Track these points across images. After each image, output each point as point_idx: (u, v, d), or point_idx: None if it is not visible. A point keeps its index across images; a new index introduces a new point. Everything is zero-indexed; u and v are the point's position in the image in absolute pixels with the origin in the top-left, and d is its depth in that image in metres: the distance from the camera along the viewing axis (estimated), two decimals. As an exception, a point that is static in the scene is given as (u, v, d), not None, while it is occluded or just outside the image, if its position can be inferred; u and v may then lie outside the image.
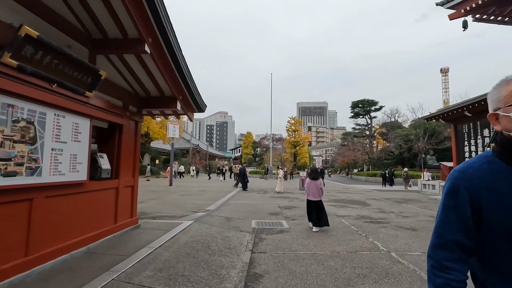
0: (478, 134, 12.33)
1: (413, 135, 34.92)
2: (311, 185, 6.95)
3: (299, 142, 57.26)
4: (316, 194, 6.84)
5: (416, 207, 10.93)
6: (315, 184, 6.94)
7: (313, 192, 6.88)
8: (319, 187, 6.90)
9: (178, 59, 4.62)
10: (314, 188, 6.89)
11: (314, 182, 6.96)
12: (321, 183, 7.05)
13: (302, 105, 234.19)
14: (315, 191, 6.86)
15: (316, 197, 6.84)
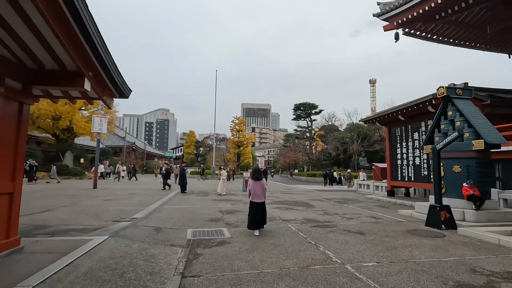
0: (409, 137, 13.18)
1: (348, 138, 37.41)
2: (256, 186, 6.41)
3: (243, 142, 56.89)
4: (262, 196, 6.41)
5: (357, 207, 11.04)
6: (261, 185, 6.44)
7: (258, 194, 6.38)
8: (264, 187, 6.47)
9: (79, 12, 3.25)
10: (259, 189, 6.39)
11: (259, 182, 6.44)
12: (265, 184, 6.59)
13: (246, 106, 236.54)
14: (261, 192, 6.39)
15: (261, 198, 6.39)
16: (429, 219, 7.32)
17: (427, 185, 11.96)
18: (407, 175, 13.21)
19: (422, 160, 12.25)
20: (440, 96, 8.82)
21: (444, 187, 8.32)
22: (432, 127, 9.40)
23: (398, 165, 13.83)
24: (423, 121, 12.24)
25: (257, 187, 6.40)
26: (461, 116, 8.39)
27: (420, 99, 11.29)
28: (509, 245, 5.43)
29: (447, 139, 7.15)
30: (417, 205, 9.19)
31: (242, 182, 18.14)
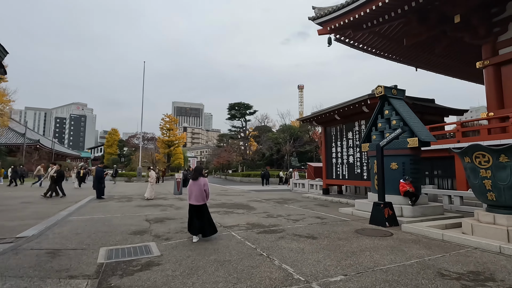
0: (343, 137, 13.59)
1: (281, 138, 38.39)
2: (193, 187, 5.78)
3: (173, 142, 53.44)
4: (200, 197, 5.74)
5: (298, 207, 10.67)
6: (198, 185, 5.77)
7: (195, 195, 5.74)
8: (202, 188, 5.77)
9: None
10: (196, 190, 5.74)
11: (197, 183, 5.79)
12: (205, 184, 5.87)
13: (178, 105, 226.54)
14: (198, 193, 5.73)
15: (199, 200, 5.74)
16: (374, 217, 7.21)
17: (360, 182, 12.43)
18: (341, 173, 13.60)
19: (356, 159, 12.71)
20: (378, 95, 9.02)
21: (382, 184, 8.45)
22: (369, 126, 9.60)
23: (333, 164, 14.18)
24: (357, 121, 12.72)
25: (194, 188, 5.77)
26: (397, 115, 8.69)
27: (356, 99, 11.62)
28: (452, 240, 5.49)
29: (390, 136, 7.18)
30: (357, 202, 9.22)
31: (174, 184, 16.33)
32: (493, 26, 15.09)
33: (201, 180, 5.80)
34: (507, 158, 5.32)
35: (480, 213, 5.89)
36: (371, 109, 11.58)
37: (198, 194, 5.70)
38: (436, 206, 8.15)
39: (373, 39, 19.29)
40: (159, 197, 14.16)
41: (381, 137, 9.18)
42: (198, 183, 5.75)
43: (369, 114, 11.87)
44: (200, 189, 5.71)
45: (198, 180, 5.76)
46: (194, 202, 5.71)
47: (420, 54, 21.05)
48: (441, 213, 8.17)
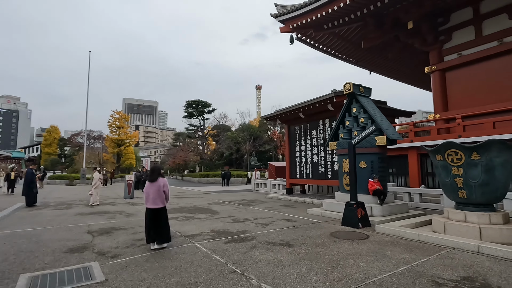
0: (307, 135, 13.40)
1: (241, 137, 37.75)
2: (151, 189, 5.23)
3: (124, 141, 49.56)
4: (158, 200, 5.22)
5: (264, 209, 10.08)
6: (157, 186, 5.23)
7: (153, 198, 5.20)
8: (161, 190, 5.24)
9: None
10: (155, 192, 5.20)
11: (155, 184, 5.23)
12: (165, 185, 5.33)
13: (129, 102, 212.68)
14: (156, 195, 5.21)
15: (157, 203, 5.22)
16: (346, 218, 6.90)
17: (325, 181, 12.31)
18: (305, 172, 13.40)
19: (320, 158, 12.57)
20: (347, 92, 8.83)
21: (351, 183, 8.26)
22: (337, 124, 9.40)
23: (297, 163, 13.93)
24: (322, 119, 12.59)
25: (151, 189, 5.21)
26: (364, 113, 8.58)
27: (321, 97, 11.44)
28: (428, 240, 5.33)
29: (363, 133, 6.95)
30: (325, 203, 8.92)
31: (124, 187, 14.62)
32: (439, 34, 16.24)
33: (160, 181, 5.25)
34: (478, 156, 5.32)
35: (451, 211, 5.87)
36: (336, 108, 11.51)
37: (156, 196, 5.18)
38: (402, 204, 8.20)
39: (333, 40, 19.62)
40: (107, 203, 12.47)
41: (349, 136, 9.04)
42: (157, 184, 5.21)
43: (334, 112, 11.81)
44: (158, 190, 5.19)
45: (156, 181, 5.22)
46: (152, 205, 5.18)
47: (374, 58, 22.05)
48: (406, 210, 8.24)
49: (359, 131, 8.59)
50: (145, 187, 5.31)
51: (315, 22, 15.59)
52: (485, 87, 13.97)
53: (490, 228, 5.13)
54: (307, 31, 17.71)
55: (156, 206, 5.18)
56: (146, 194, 5.24)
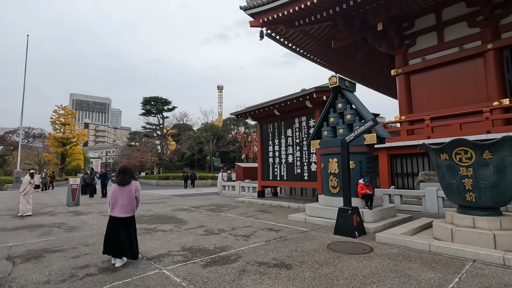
0: (282, 134, 12.53)
1: (204, 137, 35.92)
2: (120, 194, 4.40)
3: (70, 140, 44.40)
4: (128, 207, 4.43)
5: (238, 215, 8.90)
6: (128, 191, 4.43)
7: (122, 205, 4.37)
8: (133, 195, 4.49)
9: None
10: (125, 198, 4.40)
11: (126, 188, 4.43)
12: (137, 190, 4.57)
13: (77, 98, 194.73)
14: (127, 202, 4.41)
15: (127, 211, 4.42)
16: (340, 225, 6.05)
17: (301, 183, 11.52)
18: (279, 174, 12.50)
19: (296, 158, 11.77)
20: (332, 85, 8.08)
21: (338, 186, 7.50)
22: (320, 121, 8.61)
23: (270, 164, 12.98)
24: (298, 117, 11.81)
25: (121, 194, 4.39)
26: (351, 108, 7.90)
27: (299, 93, 10.64)
28: (442, 251, 4.66)
29: (359, 129, 6.16)
30: (308, 208, 8.03)
31: (67, 192, 12.29)
32: (404, 39, 16.62)
33: (133, 184, 4.49)
34: (491, 155, 4.80)
35: (455, 216, 5.31)
36: (315, 105, 10.80)
37: (126, 203, 4.39)
38: (391, 208, 7.65)
39: (303, 39, 19.20)
40: (43, 212, 10.21)
41: (333, 133, 8.31)
42: (129, 188, 4.42)
43: (312, 110, 11.10)
44: (130, 196, 4.43)
45: (128, 185, 4.43)
46: (121, 213, 4.34)
47: (343, 60, 22.19)
48: (394, 214, 7.72)
49: (345, 129, 7.88)
50: (112, 191, 4.42)
51: (286, 17, 15.01)
52: (447, 90, 14.44)
53: (504, 234, 4.61)
54: (278, 27, 17.05)
55: (125, 215, 4.35)
56: (113, 199, 4.36)
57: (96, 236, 6.27)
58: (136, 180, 4.63)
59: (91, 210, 10.56)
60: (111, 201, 4.38)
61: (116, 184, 4.42)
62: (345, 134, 7.82)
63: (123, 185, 4.38)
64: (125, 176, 4.44)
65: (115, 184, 4.45)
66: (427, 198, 8.68)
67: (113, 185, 4.47)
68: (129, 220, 4.45)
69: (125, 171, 4.54)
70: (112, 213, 4.35)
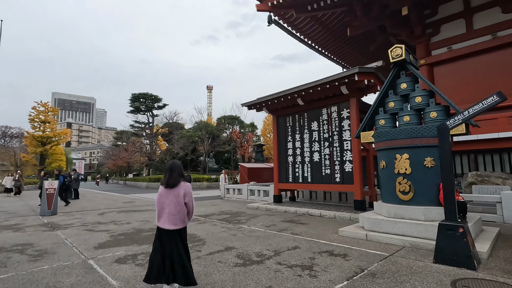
0: (305, 128, 10.59)
1: (197, 136, 33.58)
2: (167, 198, 3.27)
3: (51, 139, 41.01)
4: (177, 217, 3.24)
5: (265, 228, 6.86)
6: (176, 195, 3.26)
7: (170, 213, 3.23)
8: (182, 201, 3.27)
9: None
10: (173, 205, 3.24)
11: (174, 191, 3.27)
12: (187, 194, 3.32)
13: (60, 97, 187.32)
14: (175, 209, 3.23)
15: (176, 222, 3.23)
16: (444, 250, 4.12)
17: (331, 186, 9.58)
18: (301, 175, 10.54)
19: (323, 156, 9.84)
20: (396, 59, 6.21)
21: (410, 190, 5.60)
22: (374, 107, 6.72)
23: (289, 163, 11.00)
24: (325, 107, 9.90)
25: (168, 199, 3.27)
26: (423, 89, 6.06)
27: (334, 76, 8.74)
28: None
29: (475, 109, 4.25)
30: (367, 220, 6.07)
31: (42, 198, 9.90)
32: (426, 27, 15.11)
33: (182, 187, 3.31)
34: None
35: None
36: (352, 91, 8.94)
37: (174, 211, 3.23)
38: (477, 221, 5.79)
39: (313, 27, 17.43)
40: (7, 225, 7.84)
41: (392, 122, 6.44)
42: (176, 192, 3.27)
43: (345, 98, 9.23)
44: (178, 202, 3.25)
45: (177, 187, 3.28)
46: (167, 224, 3.22)
47: (353, 53, 20.61)
48: (481, 228, 5.89)
49: (412, 115, 6.02)
50: (158, 195, 3.41)
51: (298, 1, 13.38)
52: (479, 82, 12.90)
53: None
54: (288, 12, 15.26)
55: (173, 227, 3.25)
56: (160, 205, 3.35)
57: (76, 269, 4.10)
58: (186, 181, 3.44)
59: (71, 222, 8.26)
60: (157, 207, 3.38)
61: (162, 186, 3.39)
62: (413, 123, 5.98)
63: (170, 187, 3.31)
64: (172, 175, 3.34)
65: (162, 185, 3.43)
66: (505, 204, 6.92)
67: (160, 187, 3.45)
68: (179, 233, 3.32)
69: (173, 168, 3.39)
70: (158, 223, 3.34)
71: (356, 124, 8.93)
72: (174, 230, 3.25)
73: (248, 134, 38.65)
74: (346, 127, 9.25)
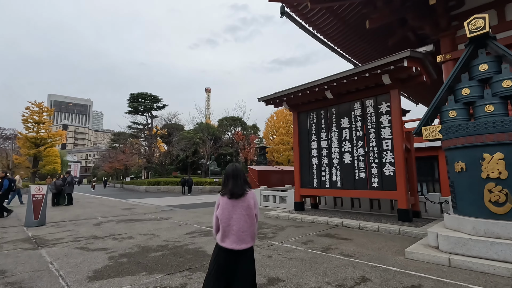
0: (333, 125, 9.25)
1: (199, 138, 32.14)
2: (234, 212, 2.61)
3: (45, 140, 39.33)
4: (247, 234, 2.61)
5: (302, 246, 5.48)
6: (244, 207, 2.63)
7: (239, 229, 2.58)
8: (252, 213, 2.67)
9: None
10: (242, 219, 2.60)
11: (242, 202, 2.63)
12: (255, 204, 2.70)
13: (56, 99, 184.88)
14: (245, 224, 2.60)
15: (246, 240, 2.60)
16: None
17: (367, 193, 8.22)
18: (328, 179, 9.18)
19: (356, 158, 8.51)
20: (475, 33, 4.92)
21: (509, 201, 4.26)
22: (440, 95, 5.40)
23: (314, 166, 9.65)
24: (359, 101, 8.59)
25: (234, 213, 2.59)
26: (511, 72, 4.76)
27: (377, 62, 7.43)
28: None
29: None
30: (445, 239, 4.67)
31: (27, 206, 8.42)
32: (451, 19, 13.96)
33: (250, 196, 2.66)
34: None
35: None
36: (395, 81, 7.63)
37: (245, 226, 2.58)
38: None
39: (327, 20, 16.20)
40: (-19, 241, 6.38)
41: (466, 114, 5.12)
42: (246, 203, 2.62)
43: (385, 89, 7.92)
44: (249, 215, 2.61)
45: (244, 197, 2.62)
46: (238, 244, 2.55)
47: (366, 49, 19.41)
48: None
49: (497, 104, 4.71)
50: (221, 208, 2.61)
51: None
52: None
53: None
54: (302, 3, 14.08)
55: (246, 245, 2.56)
56: (225, 220, 2.56)
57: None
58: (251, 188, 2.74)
59: (60, 236, 6.82)
60: (222, 223, 2.56)
61: (225, 197, 2.61)
62: (499, 113, 4.67)
63: (236, 198, 2.57)
64: (237, 182, 2.61)
65: (224, 196, 2.64)
66: None
67: (221, 199, 2.66)
68: (251, 252, 2.65)
69: (237, 173, 2.66)
70: (223, 243, 2.54)
71: (399, 120, 7.62)
72: (244, 249, 2.58)
73: (251, 136, 37.29)
74: (385, 123, 7.93)
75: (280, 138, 37.23)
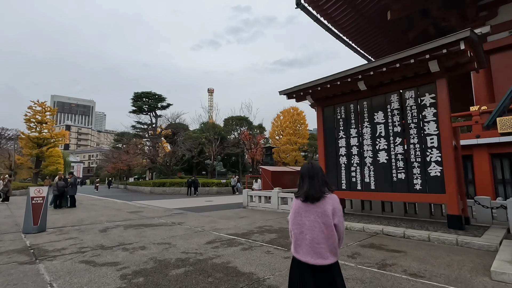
0: (365, 120, 8.31)
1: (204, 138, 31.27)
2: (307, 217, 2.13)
3: (48, 140, 38.62)
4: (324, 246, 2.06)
5: (352, 261, 4.57)
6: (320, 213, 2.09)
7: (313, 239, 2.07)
8: (330, 222, 2.08)
9: None
10: (316, 227, 2.08)
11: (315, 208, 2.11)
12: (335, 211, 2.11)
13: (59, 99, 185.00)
14: (319, 234, 2.07)
15: (322, 254, 2.04)
16: None
17: (408, 196, 7.26)
18: (360, 180, 8.24)
19: (394, 156, 7.56)
20: None
21: None
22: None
23: (342, 166, 8.71)
24: (396, 92, 7.65)
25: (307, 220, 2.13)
26: None
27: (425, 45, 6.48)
28: None
29: None
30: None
31: (26, 209, 7.55)
32: (480, 9, 13.04)
33: (329, 200, 2.13)
34: None
35: None
36: (444, 69, 6.69)
37: (320, 236, 2.07)
38: None
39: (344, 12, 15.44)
40: (-30, 251, 5.50)
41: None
42: (322, 208, 2.11)
43: (430, 78, 6.97)
44: (325, 224, 2.08)
45: (322, 201, 2.12)
46: (313, 257, 2.06)
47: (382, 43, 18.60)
48: None
49: None
50: (293, 214, 2.22)
51: None
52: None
53: None
54: (320, -7, 13.41)
55: (322, 261, 2.04)
56: (298, 226, 2.16)
57: None
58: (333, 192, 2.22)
59: (62, 246, 5.92)
60: (294, 230, 2.20)
61: (299, 199, 2.21)
62: None
63: (312, 201, 2.12)
64: (313, 183, 2.15)
65: (297, 199, 2.23)
66: None
67: (294, 201, 2.26)
68: (330, 272, 2.05)
69: (314, 173, 2.20)
70: (297, 253, 2.15)
71: (447, 113, 6.68)
72: (322, 266, 2.04)
73: (258, 136, 36.39)
74: (430, 117, 6.99)
75: (287, 138, 36.31)
